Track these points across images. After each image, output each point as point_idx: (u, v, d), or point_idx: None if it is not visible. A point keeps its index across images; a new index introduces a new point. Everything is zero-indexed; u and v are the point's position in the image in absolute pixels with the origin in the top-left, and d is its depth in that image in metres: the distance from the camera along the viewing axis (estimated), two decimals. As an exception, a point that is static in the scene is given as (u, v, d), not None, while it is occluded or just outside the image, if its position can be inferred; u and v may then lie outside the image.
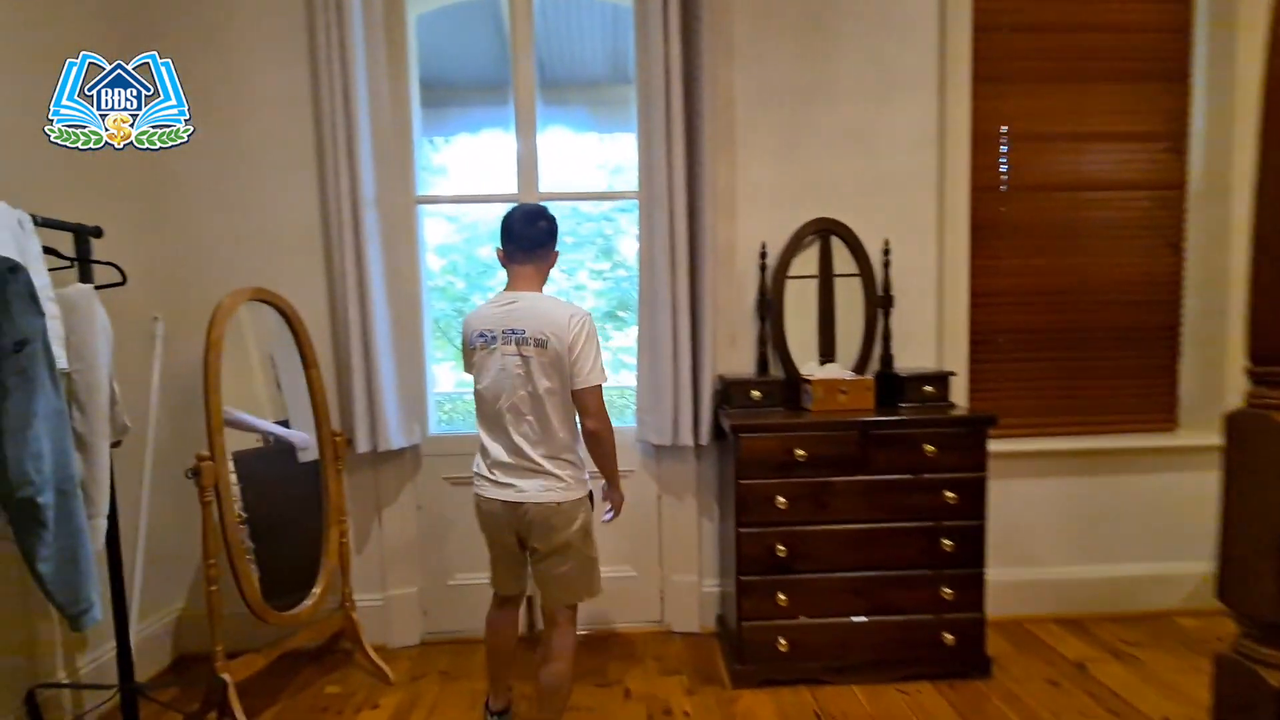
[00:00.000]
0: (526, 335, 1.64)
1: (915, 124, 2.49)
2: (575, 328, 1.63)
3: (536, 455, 1.67)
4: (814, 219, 2.44)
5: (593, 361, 1.65)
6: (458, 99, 4.45)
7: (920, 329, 2.56)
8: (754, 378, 2.37)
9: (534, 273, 1.74)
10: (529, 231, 1.72)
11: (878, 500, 2.14)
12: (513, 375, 1.66)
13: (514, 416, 1.68)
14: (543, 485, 1.68)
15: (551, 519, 1.69)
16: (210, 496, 1.91)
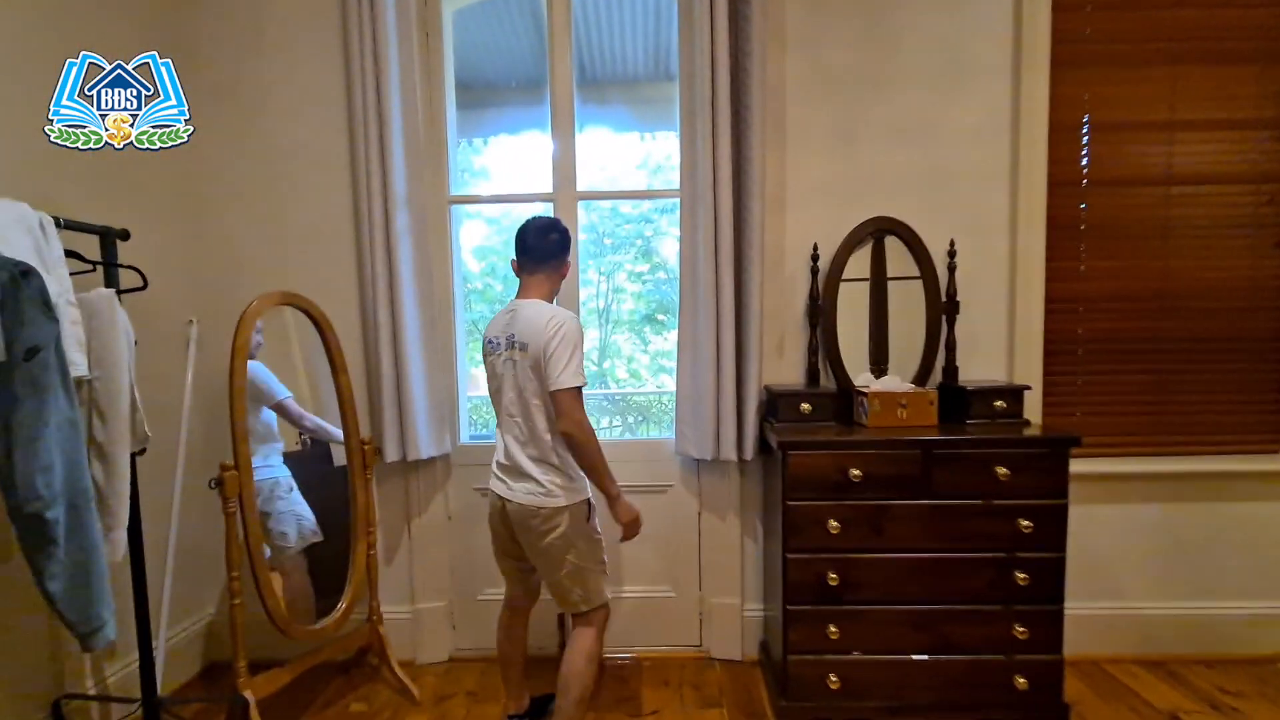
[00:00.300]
0: (515, 340, 1.72)
1: (985, 113, 2.28)
2: (551, 330, 1.65)
3: (524, 457, 1.73)
4: (871, 217, 2.25)
5: (565, 364, 1.64)
6: (498, 99, 4.39)
7: (989, 338, 2.34)
8: (803, 389, 2.19)
9: (543, 281, 1.79)
10: (540, 244, 1.77)
11: (942, 527, 1.94)
12: (507, 378, 1.74)
13: (507, 419, 1.76)
14: (526, 488, 1.72)
15: (529, 522, 1.72)
16: (234, 507, 1.84)
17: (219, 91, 2.33)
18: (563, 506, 1.72)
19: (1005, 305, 2.33)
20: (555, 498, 1.71)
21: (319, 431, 2.24)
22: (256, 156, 2.35)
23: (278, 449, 2.23)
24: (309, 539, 2.24)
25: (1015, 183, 2.28)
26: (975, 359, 2.33)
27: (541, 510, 1.71)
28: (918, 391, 2.09)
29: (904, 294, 2.30)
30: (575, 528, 1.74)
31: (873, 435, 1.99)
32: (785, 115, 2.29)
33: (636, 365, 6.84)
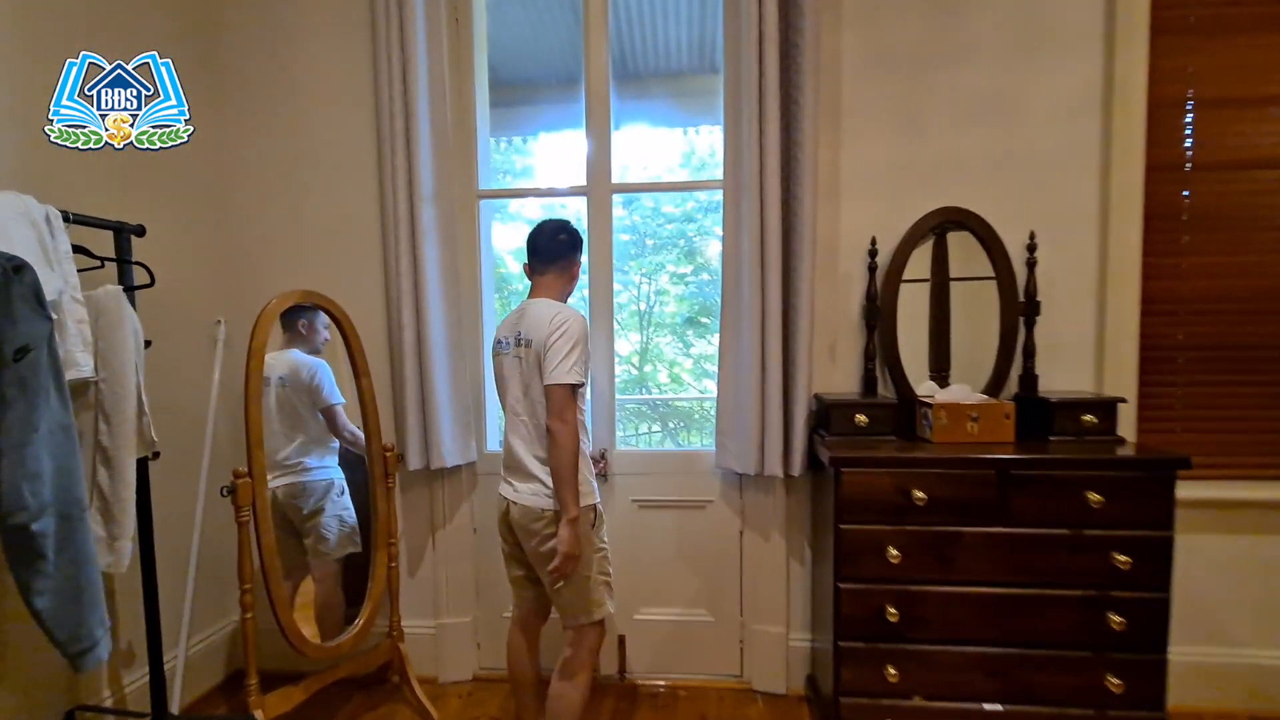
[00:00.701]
0: (521, 337, 1.67)
1: (1072, 88, 2.01)
2: (553, 326, 1.60)
3: (529, 458, 1.67)
4: (938, 208, 2.01)
5: (562, 359, 1.58)
6: (539, 96, 4.29)
7: (1073, 344, 2.07)
8: (859, 399, 1.97)
9: (552, 281, 1.75)
10: (549, 244, 1.75)
11: (1020, 559, 1.70)
12: (514, 377, 1.69)
13: (513, 418, 1.71)
14: (530, 490, 1.66)
15: (531, 525, 1.65)
16: (246, 516, 1.75)
17: (247, 85, 2.28)
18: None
19: (1093, 307, 2.05)
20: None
21: (356, 442, 2.16)
22: (284, 151, 2.28)
23: (334, 448, 2.16)
24: (348, 546, 2.16)
25: (1107, 167, 2.00)
26: (1057, 368, 2.07)
27: (545, 513, 1.63)
28: (991, 403, 1.85)
29: (970, 294, 2.05)
30: (582, 533, 1.63)
31: (939, 452, 1.76)
32: (840, 97, 2.08)
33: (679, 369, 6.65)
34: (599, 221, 2.24)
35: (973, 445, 1.80)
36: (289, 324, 2.11)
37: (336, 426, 2.12)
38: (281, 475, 2.08)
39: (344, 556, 2.17)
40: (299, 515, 2.10)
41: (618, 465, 2.26)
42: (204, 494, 2.15)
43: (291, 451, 2.09)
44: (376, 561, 2.11)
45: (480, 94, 2.31)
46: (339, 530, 2.15)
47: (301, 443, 2.11)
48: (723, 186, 2.08)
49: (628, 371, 6.36)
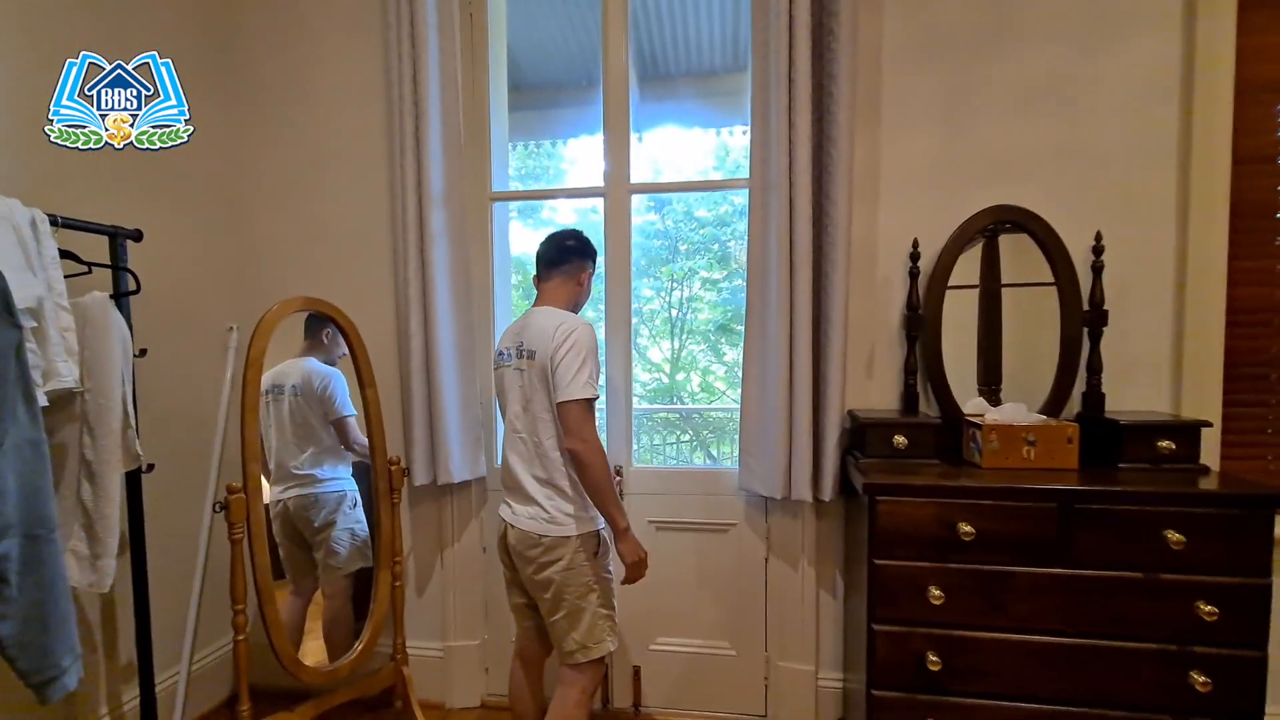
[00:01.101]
0: (523, 348, 1.57)
1: (1145, 72, 1.79)
2: (560, 336, 1.50)
3: (528, 478, 1.56)
4: (990, 207, 1.81)
5: (574, 373, 1.47)
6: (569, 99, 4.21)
7: (1145, 358, 1.84)
8: (898, 417, 1.78)
9: (558, 288, 1.64)
10: (553, 249, 1.66)
11: (1085, 605, 1.49)
12: (513, 390, 1.59)
13: (512, 435, 1.61)
14: (529, 513, 1.56)
15: (528, 551, 1.55)
16: (240, 533, 1.67)
17: (259, 87, 2.23)
18: (567, 537, 1.53)
19: (1170, 316, 1.82)
20: (560, 526, 1.53)
21: (367, 455, 2.08)
22: (297, 153, 2.22)
23: (347, 460, 2.10)
24: (359, 561, 2.08)
25: (1186, 159, 1.77)
26: (1127, 385, 1.84)
27: (543, 539, 1.53)
28: (1051, 424, 1.64)
29: (1021, 302, 1.84)
30: (580, 563, 1.54)
31: (989, 480, 1.56)
32: (880, 85, 1.90)
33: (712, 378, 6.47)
34: (617, 223, 2.11)
35: (1029, 473, 1.60)
36: (312, 332, 2.05)
37: (347, 439, 2.04)
38: (292, 486, 2.01)
39: (355, 572, 2.10)
40: (309, 528, 2.03)
41: (634, 484, 2.11)
42: (210, 505, 2.09)
43: (303, 462, 2.02)
44: (380, 581, 2.02)
45: (496, 92, 2.20)
46: (350, 544, 2.08)
47: (313, 453, 2.04)
48: (749, 185, 1.92)
49: (659, 380, 6.23)
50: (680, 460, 5.23)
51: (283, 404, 2.01)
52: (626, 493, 2.10)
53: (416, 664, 2.17)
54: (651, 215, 5.81)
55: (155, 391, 1.95)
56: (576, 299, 1.67)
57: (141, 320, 1.88)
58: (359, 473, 2.11)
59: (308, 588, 2.07)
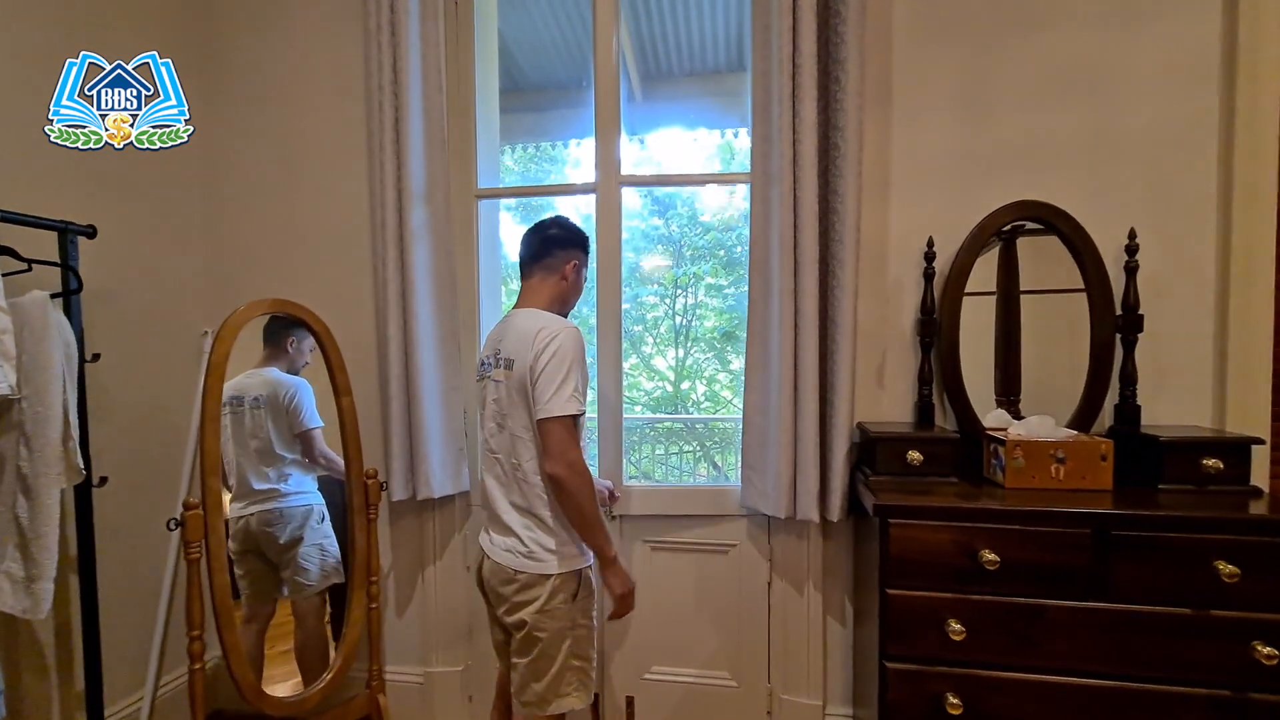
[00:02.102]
0: (500, 357, 1.40)
1: (1180, 53, 1.64)
2: (541, 343, 1.32)
3: (505, 505, 1.40)
4: (1012, 203, 1.67)
5: (557, 386, 1.30)
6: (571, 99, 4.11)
7: (1183, 367, 1.68)
8: (912, 431, 1.63)
9: (540, 285, 1.48)
10: (536, 242, 1.50)
11: (1126, 644, 1.33)
12: (491, 404, 1.43)
13: (489, 455, 1.45)
14: (505, 544, 1.39)
15: (501, 587, 1.39)
16: (197, 552, 1.55)
17: (236, 77, 2.12)
18: (546, 575, 1.35)
19: (1211, 322, 1.66)
20: (539, 562, 1.36)
21: (333, 467, 1.96)
22: (274, 147, 2.11)
23: (314, 471, 1.97)
24: (331, 578, 1.95)
25: (1229, 149, 1.62)
26: (1162, 397, 1.68)
27: (519, 576, 1.36)
28: (1083, 440, 1.48)
29: (1041, 306, 1.70)
30: (557, 605, 1.35)
31: (1014, 502, 1.41)
32: (891, 70, 1.77)
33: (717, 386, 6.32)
34: (607, 218, 1.97)
35: (1058, 494, 1.44)
36: (276, 339, 1.93)
37: (313, 452, 1.92)
38: (254, 502, 1.88)
39: (328, 591, 1.97)
40: (274, 546, 1.90)
41: (627, 503, 1.96)
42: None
43: (267, 476, 1.89)
44: (354, 602, 1.88)
45: (485, 86, 2.08)
46: (321, 560, 1.95)
47: (277, 467, 1.91)
48: (750, 179, 1.79)
49: (662, 388, 6.09)
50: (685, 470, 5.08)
51: (243, 416, 1.88)
52: (619, 513, 1.96)
53: (394, 691, 2.03)
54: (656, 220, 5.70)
55: (117, 400, 1.84)
56: (564, 296, 1.49)
57: (101, 323, 1.78)
58: (332, 486, 1.99)
59: (264, 613, 1.93)
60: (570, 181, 5.43)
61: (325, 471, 1.97)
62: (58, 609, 1.67)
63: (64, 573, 1.65)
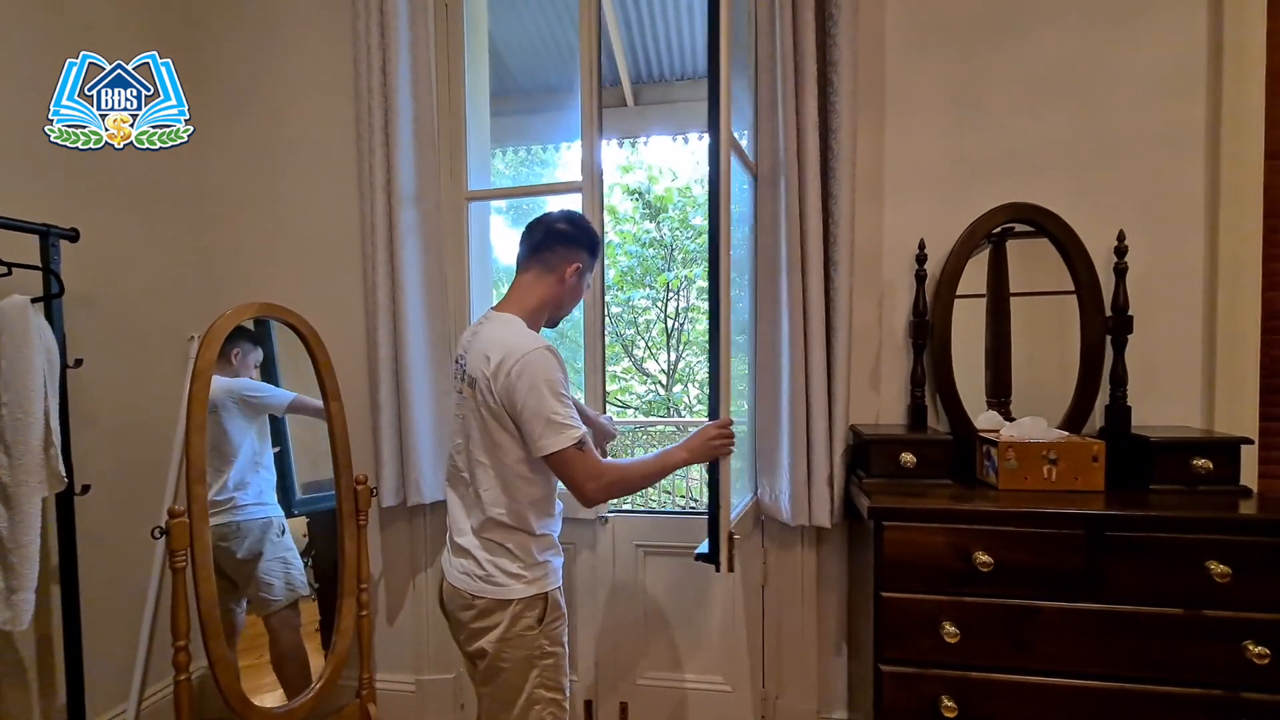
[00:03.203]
0: (465, 368, 1.26)
1: (1168, 56, 1.66)
2: (507, 372, 1.15)
3: (463, 522, 1.27)
4: (1003, 205, 1.67)
5: (545, 421, 1.15)
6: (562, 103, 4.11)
7: (1173, 368, 1.69)
8: (905, 433, 1.63)
9: (532, 282, 1.30)
10: (538, 232, 1.32)
11: (1120, 645, 1.33)
12: (457, 419, 1.29)
13: (452, 469, 1.32)
14: (462, 566, 1.26)
15: (459, 613, 1.26)
16: (182, 561, 1.52)
17: (218, 79, 2.10)
18: (506, 600, 1.21)
19: (1199, 323, 1.67)
20: (499, 587, 1.21)
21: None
22: (262, 147, 2.10)
23: (270, 483, 1.92)
24: (298, 591, 1.91)
25: (1215, 153, 1.64)
26: (1151, 397, 1.69)
27: (476, 601, 1.22)
28: (1075, 441, 1.49)
29: (1030, 308, 1.71)
30: (521, 631, 1.22)
31: (1008, 504, 1.41)
32: (885, 70, 1.77)
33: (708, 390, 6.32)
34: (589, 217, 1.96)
35: (1050, 495, 1.45)
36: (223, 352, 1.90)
37: (311, 410, 1.90)
38: (210, 514, 1.81)
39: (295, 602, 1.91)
40: (231, 561, 1.81)
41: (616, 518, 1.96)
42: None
43: (220, 487, 1.81)
44: (344, 610, 1.86)
45: (476, 88, 2.08)
46: (285, 574, 1.88)
47: (232, 477, 1.83)
48: (758, 172, 1.77)
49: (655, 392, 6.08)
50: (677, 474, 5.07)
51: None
52: (609, 514, 1.95)
53: (385, 700, 2.01)
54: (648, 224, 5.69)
55: (100, 406, 1.81)
56: (558, 300, 1.32)
57: (84, 328, 1.75)
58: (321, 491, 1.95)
59: (229, 624, 1.86)
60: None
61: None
62: (39, 620, 1.64)
63: (45, 583, 1.63)
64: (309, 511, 2.00)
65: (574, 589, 1.96)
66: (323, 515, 1.96)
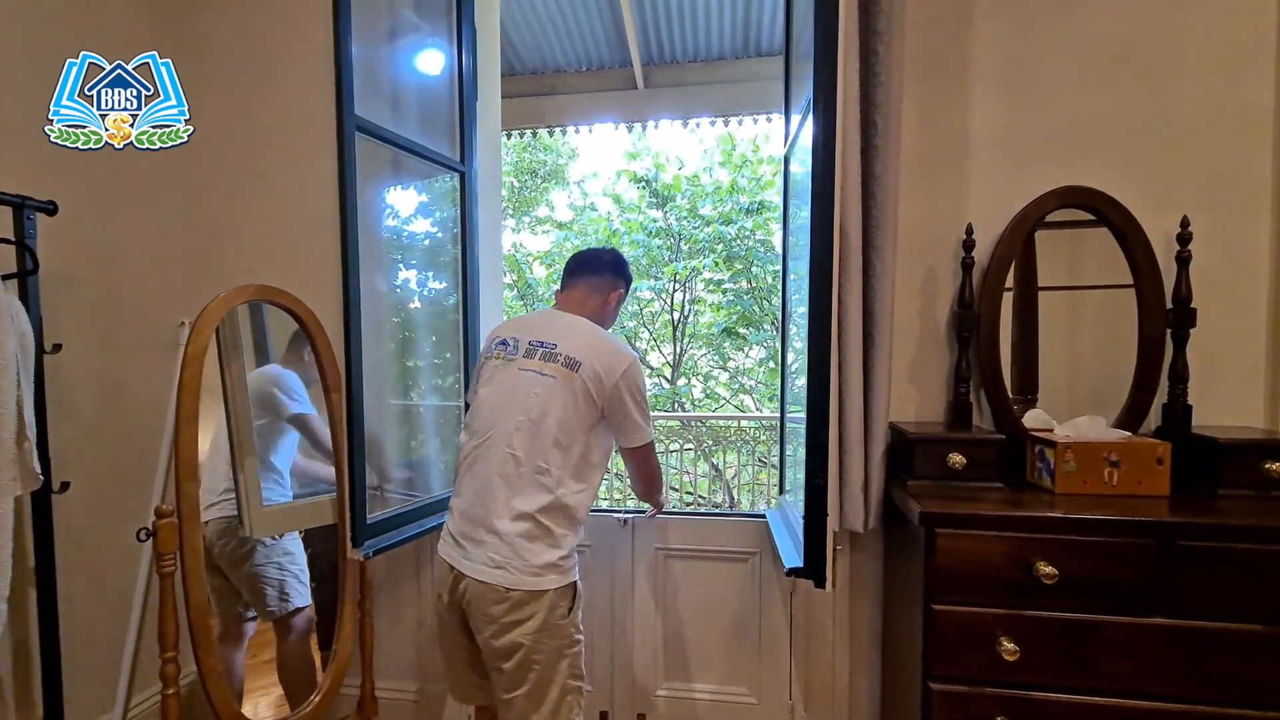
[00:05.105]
0: (558, 350, 1.30)
1: (1235, 31, 1.55)
2: (622, 371, 1.30)
3: (504, 509, 1.23)
4: (1058, 188, 1.56)
5: (643, 418, 1.35)
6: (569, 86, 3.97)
7: (1232, 364, 1.59)
8: (953, 433, 1.52)
9: (584, 298, 1.44)
10: (589, 259, 1.49)
11: (1194, 665, 1.23)
12: (523, 395, 1.28)
13: (497, 449, 1.27)
14: (495, 557, 1.22)
15: (490, 609, 1.22)
16: (171, 565, 1.39)
17: (208, 53, 1.96)
18: (545, 592, 1.23)
19: (1263, 315, 1.57)
20: (538, 577, 1.23)
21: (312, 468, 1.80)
22: (250, 125, 1.96)
23: (276, 480, 1.79)
24: (293, 601, 1.78)
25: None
26: (1210, 396, 1.58)
27: (511, 593, 1.21)
28: (1139, 441, 1.38)
29: (1062, 299, 1.62)
30: (556, 620, 1.25)
31: (1068, 509, 1.30)
32: (934, 45, 1.65)
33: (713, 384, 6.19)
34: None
35: (1111, 500, 1.34)
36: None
37: (316, 439, 1.76)
38: (213, 505, 1.68)
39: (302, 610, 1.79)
40: (226, 559, 1.71)
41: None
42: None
43: (223, 478, 1.69)
44: (344, 616, 1.74)
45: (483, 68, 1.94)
46: (280, 580, 1.75)
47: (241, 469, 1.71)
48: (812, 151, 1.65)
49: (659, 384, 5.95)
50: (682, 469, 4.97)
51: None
52: (628, 517, 1.83)
53: (388, 710, 1.90)
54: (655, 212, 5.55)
55: (81, 396, 1.69)
56: (601, 318, 1.45)
57: (64, 310, 1.62)
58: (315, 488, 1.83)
59: (236, 632, 1.76)
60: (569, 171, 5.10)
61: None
62: (15, 626, 1.51)
63: (22, 587, 1.50)
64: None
65: (592, 593, 1.85)
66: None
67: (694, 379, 6.04)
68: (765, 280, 5.34)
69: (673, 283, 5.66)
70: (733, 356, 5.92)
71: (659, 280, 5.61)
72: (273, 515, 1.70)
